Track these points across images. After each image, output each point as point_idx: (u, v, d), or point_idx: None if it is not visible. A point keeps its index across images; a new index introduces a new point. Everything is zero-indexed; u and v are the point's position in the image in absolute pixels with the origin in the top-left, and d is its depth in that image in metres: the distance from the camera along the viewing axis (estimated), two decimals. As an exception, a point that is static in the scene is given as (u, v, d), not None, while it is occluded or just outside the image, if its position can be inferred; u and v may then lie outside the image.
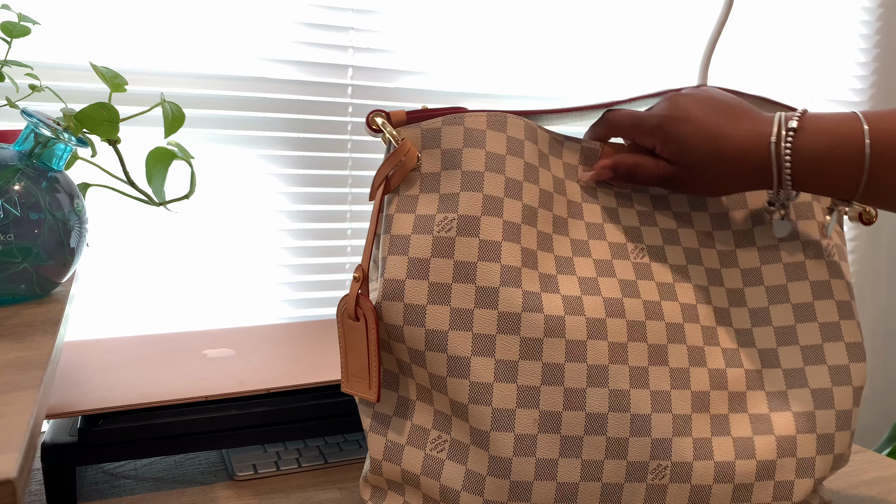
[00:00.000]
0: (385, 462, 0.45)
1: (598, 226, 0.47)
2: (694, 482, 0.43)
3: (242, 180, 0.89)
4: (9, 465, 0.23)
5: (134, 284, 0.85)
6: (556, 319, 0.41)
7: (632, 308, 0.44)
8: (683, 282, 0.46)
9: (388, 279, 0.42)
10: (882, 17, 1.35)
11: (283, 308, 0.94)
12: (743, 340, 0.47)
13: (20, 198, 0.45)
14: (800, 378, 0.46)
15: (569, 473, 0.41)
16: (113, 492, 0.54)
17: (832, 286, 0.48)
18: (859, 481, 0.58)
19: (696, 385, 0.44)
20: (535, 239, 0.43)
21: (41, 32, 0.78)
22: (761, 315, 0.48)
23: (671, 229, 0.48)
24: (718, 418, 0.45)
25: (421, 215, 0.43)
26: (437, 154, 0.43)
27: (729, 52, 1.21)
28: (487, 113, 0.43)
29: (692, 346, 0.45)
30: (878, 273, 1.46)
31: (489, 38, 1.01)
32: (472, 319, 0.41)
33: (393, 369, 0.45)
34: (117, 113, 0.57)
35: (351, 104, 0.94)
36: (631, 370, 0.42)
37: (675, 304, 0.45)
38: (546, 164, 0.46)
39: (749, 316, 0.48)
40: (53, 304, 0.47)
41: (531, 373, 0.41)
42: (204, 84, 0.86)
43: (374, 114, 0.44)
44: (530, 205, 0.43)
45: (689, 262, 0.47)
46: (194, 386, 0.54)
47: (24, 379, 0.32)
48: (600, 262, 0.45)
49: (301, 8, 0.90)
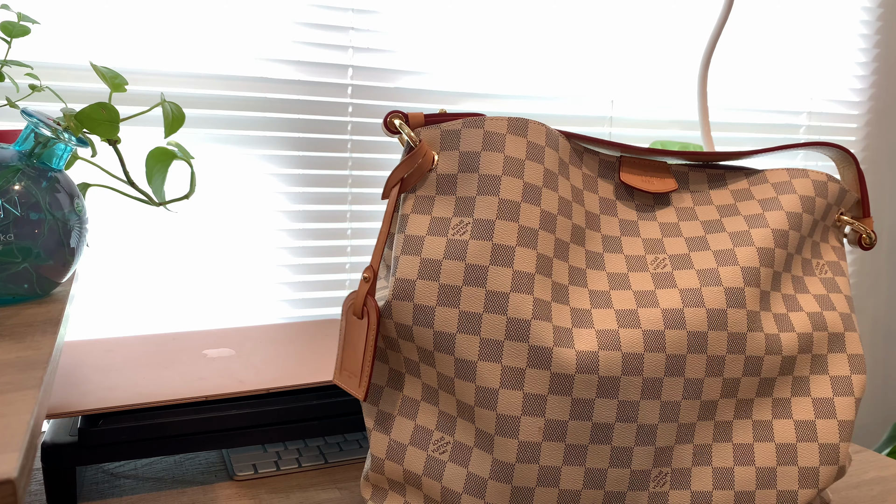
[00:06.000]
0: (388, 461, 0.45)
1: (616, 238, 0.46)
2: (693, 489, 0.43)
3: (242, 180, 0.89)
4: (9, 465, 0.23)
5: (134, 284, 0.85)
6: (564, 331, 0.41)
7: (648, 318, 0.42)
8: (713, 285, 0.44)
9: (400, 278, 0.42)
10: (882, 17, 1.35)
11: (283, 308, 0.94)
12: (770, 346, 0.45)
13: (20, 198, 0.45)
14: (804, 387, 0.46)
15: (571, 481, 0.41)
16: (113, 492, 0.54)
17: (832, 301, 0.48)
18: (859, 481, 0.58)
19: (708, 395, 0.43)
20: (553, 246, 0.42)
21: (41, 32, 0.78)
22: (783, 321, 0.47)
23: (699, 237, 0.47)
24: (722, 425, 0.44)
25: (437, 217, 0.43)
26: (454, 156, 0.43)
27: (729, 52, 1.21)
28: (509, 117, 0.43)
29: (713, 355, 0.43)
30: (878, 273, 1.46)
31: (489, 39, 1.01)
32: (481, 324, 0.41)
33: (399, 368, 0.45)
34: (117, 113, 0.57)
35: (351, 104, 0.94)
36: (644, 381, 0.41)
37: (701, 311, 0.43)
38: (566, 172, 0.45)
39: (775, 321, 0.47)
40: (53, 304, 0.47)
41: (539, 381, 0.40)
42: (204, 84, 0.86)
43: (393, 115, 0.44)
44: (549, 211, 0.42)
45: (720, 265, 0.45)
46: (194, 386, 0.54)
47: (25, 379, 0.32)
48: (614, 276, 0.44)
49: (301, 8, 0.90)
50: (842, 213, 0.51)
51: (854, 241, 0.51)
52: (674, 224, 0.47)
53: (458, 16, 0.99)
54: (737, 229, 0.46)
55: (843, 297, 0.49)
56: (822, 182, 0.49)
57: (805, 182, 0.48)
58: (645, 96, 1.14)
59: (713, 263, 0.45)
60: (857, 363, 0.47)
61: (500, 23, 1.02)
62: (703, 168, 0.51)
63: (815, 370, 0.47)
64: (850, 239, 0.51)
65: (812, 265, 0.49)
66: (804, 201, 0.48)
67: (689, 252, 0.46)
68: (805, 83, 1.29)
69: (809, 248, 0.49)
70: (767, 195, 0.48)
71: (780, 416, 0.45)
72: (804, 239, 0.48)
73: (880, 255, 1.46)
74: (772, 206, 0.47)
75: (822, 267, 0.50)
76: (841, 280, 0.49)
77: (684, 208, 0.49)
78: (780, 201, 0.47)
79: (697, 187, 0.50)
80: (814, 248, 0.50)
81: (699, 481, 0.43)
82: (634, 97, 1.14)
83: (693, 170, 0.50)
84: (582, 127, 1.11)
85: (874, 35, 1.35)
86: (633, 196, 0.48)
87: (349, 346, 0.44)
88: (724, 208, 0.49)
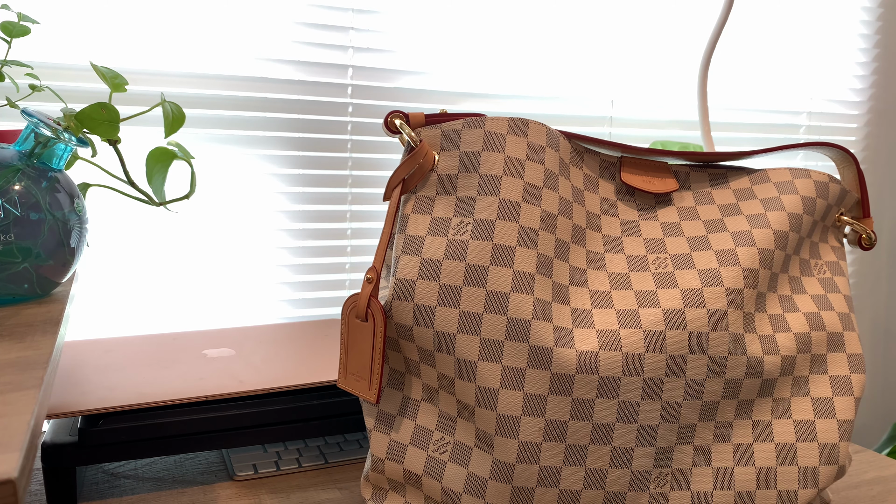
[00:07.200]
0: (388, 461, 0.45)
1: (617, 238, 0.46)
2: (694, 489, 0.43)
3: (242, 180, 0.89)
4: (10, 465, 0.23)
5: (134, 284, 0.85)
6: (565, 332, 0.41)
7: (649, 318, 0.42)
8: (714, 286, 0.44)
9: (400, 278, 0.42)
10: (882, 17, 1.35)
11: (283, 308, 0.94)
12: (766, 348, 0.45)
13: (20, 198, 0.45)
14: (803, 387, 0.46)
15: (572, 481, 0.41)
16: (113, 492, 0.54)
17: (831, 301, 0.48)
18: (859, 481, 0.58)
19: (709, 396, 0.43)
20: (553, 246, 0.42)
21: (41, 32, 0.78)
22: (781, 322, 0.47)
23: (700, 237, 0.46)
24: (722, 425, 0.44)
25: (437, 217, 0.43)
26: (455, 156, 0.43)
27: (729, 53, 1.21)
28: (509, 118, 0.43)
29: (714, 356, 0.43)
30: (878, 273, 1.46)
31: (489, 39, 1.01)
32: (481, 324, 0.41)
33: (399, 368, 0.45)
34: (117, 113, 0.57)
35: (351, 104, 0.94)
36: (645, 382, 0.41)
37: (702, 311, 0.43)
38: (567, 172, 0.45)
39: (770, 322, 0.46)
40: (53, 304, 0.47)
41: (539, 382, 0.40)
42: (204, 84, 0.86)
43: (393, 115, 0.44)
44: (550, 211, 0.42)
45: (721, 265, 0.45)
46: (194, 386, 0.54)
47: (25, 379, 0.32)
48: (615, 276, 0.44)
49: (301, 8, 0.90)
50: (842, 214, 0.51)
51: (854, 241, 0.51)
52: (675, 224, 0.47)
53: (458, 16, 0.99)
54: (739, 229, 0.46)
55: (842, 297, 0.49)
56: (823, 183, 0.49)
57: (807, 182, 0.48)
58: (645, 96, 1.14)
59: (714, 263, 0.44)
60: (857, 363, 0.47)
61: (500, 23, 1.01)
62: (705, 168, 0.51)
63: (814, 370, 0.47)
64: (850, 239, 0.52)
65: (810, 265, 0.49)
66: (805, 202, 0.48)
67: (691, 252, 0.46)
68: (805, 83, 1.29)
69: (808, 248, 0.49)
70: (770, 194, 0.48)
71: (779, 416, 0.45)
72: (803, 240, 0.48)
73: (880, 255, 1.46)
74: (774, 206, 0.47)
75: (820, 267, 0.50)
76: (840, 280, 0.49)
77: (686, 208, 0.49)
78: (782, 201, 0.47)
79: (699, 187, 0.50)
80: (812, 248, 0.50)
81: (699, 482, 0.43)
82: (634, 97, 1.14)
83: (694, 170, 0.50)
84: (582, 127, 1.11)
85: (874, 35, 1.35)
86: (634, 196, 0.48)
87: (354, 349, 0.44)
88: (726, 207, 0.48)
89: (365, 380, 0.44)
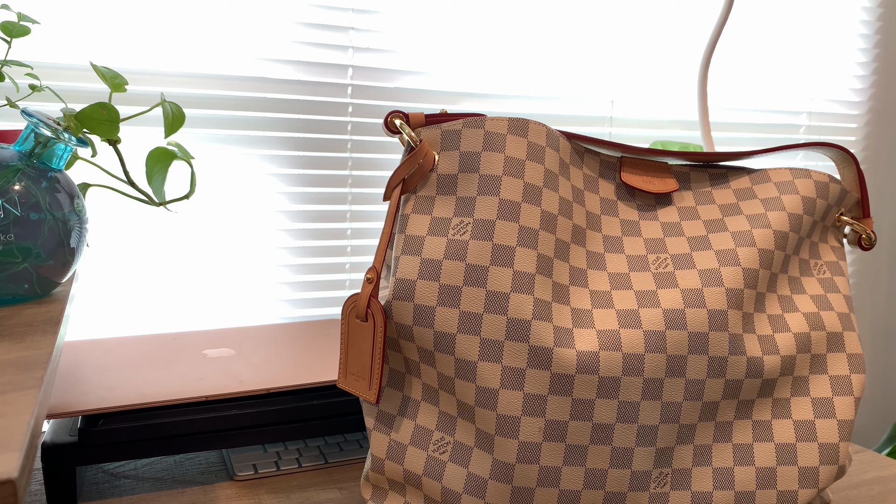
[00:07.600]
0: (388, 461, 0.45)
1: (617, 238, 0.46)
2: (694, 489, 0.43)
3: (242, 180, 0.89)
4: (10, 465, 0.23)
5: (134, 284, 0.85)
6: (565, 332, 0.41)
7: (649, 318, 0.42)
8: (715, 286, 0.44)
9: (400, 278, 0.42)
10: (882, 17, 1.35)
11: (283, 308, 0.94)
12: (766, 348, 0.45)
13: (20, 198, 0.45)
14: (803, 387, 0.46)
15: (572, 481, 0.41)
16: (113, 492, 0.54)
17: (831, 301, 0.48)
18: (859, 481, 0.58)
19: (709, 396, 0.43)
20: (553, 246, 0.42)
21: (41, 32, 0.78)
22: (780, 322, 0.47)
23: (701, 236, 0.46)
24: (722, 425, 0.44)
25: (437, 217, 0.43)
26: (455, 156, 0.43)
27: (729, 53, 1.21)
28: (509, 118, 0.43)
29: (714, 356, 0.43)
30: (878, 273, 1.46)
31: (489, 39, 1.01)
32: (481, 324, 0.41)
33: (399, 368, 0.45)
34: (117, 113, 0.57)
35: (351, 104, 0.94)
36: (645, 382, 0.41)
37: (702, 311, 0.43)
38: (567, 173, 0.45)
39: (770, 323, 0.46)
40: (53, 304, 0.47)
41: (539, 382, 0.40)
42: (204, 84, 0.86)
43: (393, 115, 0.44)
44: (550, 211, 0.42)
45: (722, 265, 0.45)
46: (194, 386, 0.54)
47: (25, 379, 0.32)
48: (615, 276, 0.44)
49: (301, 8, 0.90)
50: (842, 214, 0.51)
51: (854, 241, 0.51)
52: (675, 223, 0.47)
53: (458, 16, 0.99)
54: (739, 229, 0.46)
55: (842, 296, 0.49)
56: (823, 183, 0.49)
57: (807, 182, 0.48)
58: (645, 96, 1.14)
59: (715, 263, 0.44)
60: (857, 363, 0.47)
61: (499, 23, 1.02)
62: (705, 168, 0.51)
63: (814, 370, 0.47)
64: (849, 239, 0.51)
65: (810, 265, 0.49)
66: (805, 202, 0.48)
67: (691, 252, 0.45)
68: (805, 83, 1.29)
69: (807, 248, 0.49)
70: (770, 194, 0.48)
71: (779, 416, 0.45)
72: (802, 240, 0.48)
73: (880, 255, 1.46)
74: (774, 206, 0.47)
75: (820, 267, 0.50)
76: (840, 280, 0.49)
77: (686, 207, 0.49)
78: (782, 201, 0.47)
79: (699, 186, 0.50)
80: (812, 248, 0.50)
81: (699, 482, 0.43)
82: (634, 97, 1.14)
83: (694, 169, 0.50)
84: (582, 127, 1.11)
85: (874, 35, 1.35)
86: (634, 196, 0.48)
87: (354, 349, 0.44)
88: (727, 207, 0.48)
89: (365, 380, 0.44)
